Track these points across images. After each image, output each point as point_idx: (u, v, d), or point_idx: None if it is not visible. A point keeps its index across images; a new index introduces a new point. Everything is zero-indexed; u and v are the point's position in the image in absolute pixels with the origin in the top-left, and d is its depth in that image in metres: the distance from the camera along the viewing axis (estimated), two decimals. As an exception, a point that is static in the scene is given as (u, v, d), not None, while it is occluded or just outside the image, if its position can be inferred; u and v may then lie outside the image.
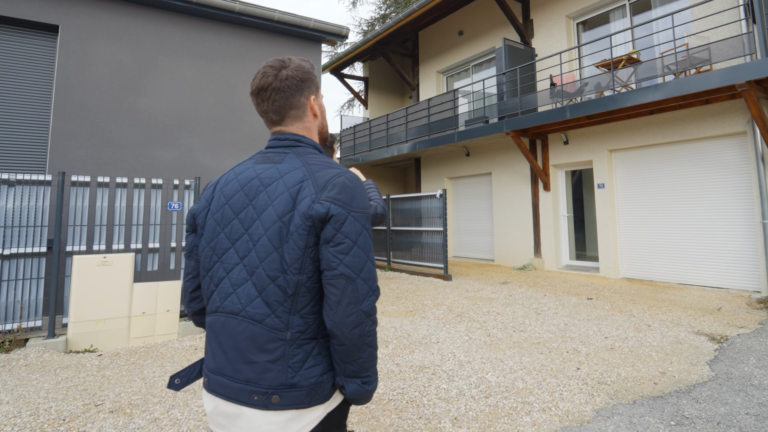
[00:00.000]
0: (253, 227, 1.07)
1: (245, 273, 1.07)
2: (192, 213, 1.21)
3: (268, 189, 1.08)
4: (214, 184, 1.21)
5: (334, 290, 1.01)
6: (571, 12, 9.32)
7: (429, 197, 9.57)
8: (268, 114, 1.18)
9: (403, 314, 6.03)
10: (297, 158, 1.12)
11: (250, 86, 1.23)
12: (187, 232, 1.25)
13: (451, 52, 12.55)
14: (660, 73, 6.85)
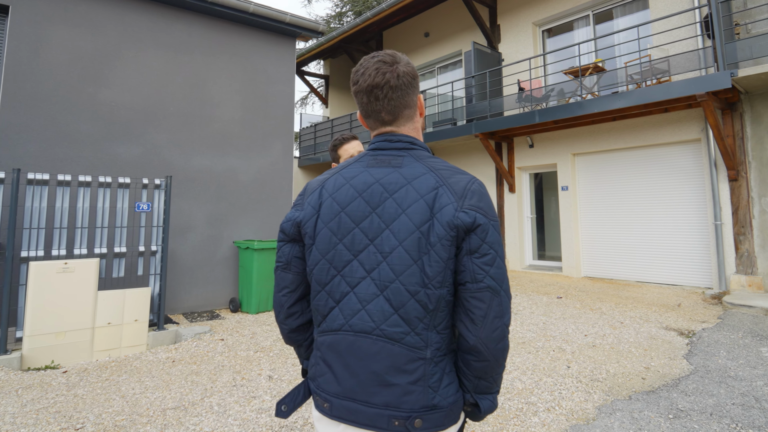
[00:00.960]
0: (382, 238, 1.00)
1: (374, 288, 0.99)
2: (294, 221, 1.10)
3: (396, 196, 1.01)
4: (318, 188, 1.11)
5: (479, 304, 0.96)
6: (537, 19, 9.70)
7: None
8: (380, 114, 1.08)
9: None
10: (418, 162, 1.05)
11: (353, 82, 1.10)
12: (283, 242, 1.13)
13: (417, 53, 12.68)
14: (623, 82, 7.28)
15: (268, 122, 6.94)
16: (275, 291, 1.16)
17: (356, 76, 1.09)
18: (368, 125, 1.14)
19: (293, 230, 1.11)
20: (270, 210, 6.93)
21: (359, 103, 1.11)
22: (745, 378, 3.64)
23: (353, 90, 1.11)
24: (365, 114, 1.12)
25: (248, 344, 4.79)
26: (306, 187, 1.15)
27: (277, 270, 1.15)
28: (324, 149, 14.04)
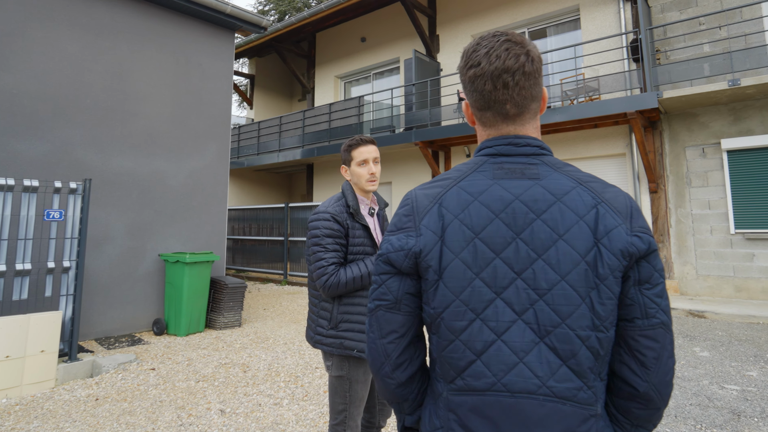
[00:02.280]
0: (534, 270, 0.81)
1: (531, 334, 0.80)
2: (410, 251, 0.88)
3: (546, 217, 0.83)
4: (433, 206, 0.89)
5: (651, 344, 0.81)
6: (475, 33, 10.08)
7: (336, 206, 9.32)
8: (505, 106, 0.89)
9: None
10: (557, 172, 0.87)
11: (470, 64, 0.89)
12: (388, 275, 0.91)
13: (352, 58, 12.56)
14: (558, 98, 7.79)
15: (202, 121, 6.35)
16: (375, 336, 0.92)
17: (476, 57, 0.89)
18: (481, 121, 0.94)
19: (408, 262, 0.88)
20: (202, 219, 6.32)
21: (475, 92, 0.90)
22: (692, 378, 3.95)
23: (469, 74, 0.90)
24: (483, 105, 0.91)
25: (186, 373, 4.25)
26: (412, 204, 0.92)
27: (377, 310, 0.92)
28: (249, 152, 13.34)
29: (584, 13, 8.46)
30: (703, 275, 7.00)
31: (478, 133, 0.97)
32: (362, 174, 2.03)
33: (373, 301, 0.93)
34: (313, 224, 1.93)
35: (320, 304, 1.97)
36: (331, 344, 1.91)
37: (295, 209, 10.26)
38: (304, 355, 4.78)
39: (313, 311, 2.01)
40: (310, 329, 2.01)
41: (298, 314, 6.84)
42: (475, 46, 0.91)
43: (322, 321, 1.95)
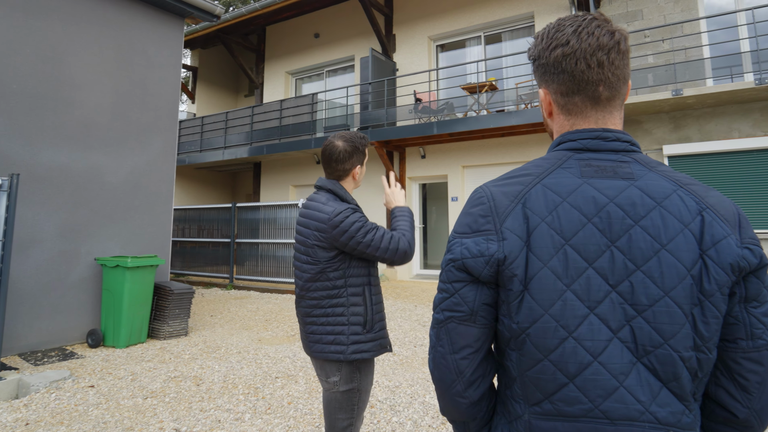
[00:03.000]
0: (631, 283, 0.74)
1: (628, 354, 0.73)
2: (492, 257, 0.78)
3: (645, 223, 0.75)
4: (516, 206, 0.80)
5: (756, 367, 0.75)
6: (432, 34, 10.21)
7: (288, 206, 9.08)
8: (598, 88, 0.81)
9: (284, 340, 5.50)
10: (652, 171, 0.80)
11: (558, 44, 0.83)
12: (462, 282, 0.81)
13: (305, 54, 12.29)
14: (513, 101, 8.04)
15: (146, 113, 5.89)
16: (445, 351, 0.82)
17: (562, 36, 0.82)
18: (566, 108, 0.86)
19: (489, 270, 0.78)
20: (145, 219, 5.87)
21: (563, 73, 0.83)
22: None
23: (555, 55, 0.83)
24: (572, 88, 0.83)
25: (131, 389, 3.90)
26: (490, 203, 0.82)
27: (448, 322, 0.82)
28: (190, 149, 12.67)
29: (538, 21, 8.83)
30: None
31: (557, 123, 0.89)
32: (363, 174, 1.98)
33: (442, 312, 0.83)
34: (349, 219, 1.79)
35: (350, 309, 1.82)
36: (370, 349, 1.81)
37: (244, 209, 9.85)
38: (261, 364, 4.55)
39: (337, 321, 1.82)
40: (336, 343, 1.81)
41: (249, 320, 6.54)
42: (557, 25, 0.84)
43: (356, 327, 1.81)
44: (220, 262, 10.14)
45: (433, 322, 0.85)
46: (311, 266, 1.84)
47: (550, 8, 8.64)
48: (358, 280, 1.84)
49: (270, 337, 5.65)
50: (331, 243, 1.80)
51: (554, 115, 0.89)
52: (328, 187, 1.93)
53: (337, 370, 1.81)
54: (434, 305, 0.86)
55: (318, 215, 1.83)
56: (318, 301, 1.85)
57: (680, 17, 7.32)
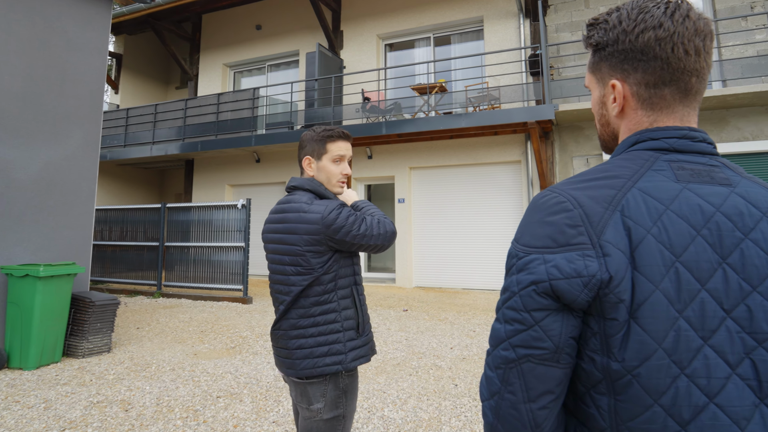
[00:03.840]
0: (749, 307, 0.63)
1: (750, 393, 0.62)
2: (594, 278, 0.63)
3: (755, 236, 0.65)
4: (613, 213, 0.66)
5: None
6: (381, 33, 10.12)
7: (226, 207, 8.58)
8: (691, 79, 0.72)
9: (224, 353, 5.12)
10: (745, 178, 0.72)
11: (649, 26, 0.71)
12: (546, 311, 0.66)
13: (245, 47, 11.73)
14: (462, 103, 8.12)
15: (65, 101, 5.22)
16: (518, 400, 0.66)
17: (652, 18, 0.72)
18: (650, 101, 0.75)
19: (586, 295, 0.64)
20: (61, 222, 5.21)
21: (655, 59, 0.72)
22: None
23: (646, 38, 0.72)
24: (663, 78, 0.72)
25: (45, 420, 3.39)
26: (577, 209, 0.68)
27: (522, 362, 0.66)
28: (112, 143, 11.64)
29: (488, 25, 9.02)
30: (584, 275, 7.86)
31: (632, 120, 0.77)
32: (334, 173, 1.74)
33: (513, 349, 0.67)
34: (342, 214, 1.63)
35: (343, 313, 1.66)
36: (366, 353, 1.69)
37: (175, 210, 9.17)
38: (200, 382, 4.17)
39: (331, 330, 1.64)
40: (330, 354, 1.62)
41: (182, 332, 6.04)
42: (638, 6, 0.73)
43: (351, 332, 1.66)
44: (146, 267, 9.36)
45: (496, 360, 0.69)
46: (302, 277, 1.63)
47: (499, 13, 8.87)
48: (346, 280, 1.69)
49: (207, 351, 5.23)
50: (326, 244, 1.62)
51: (628, 111, 0.77)
52: (305, 186, 1.72)
53: (322, 396, 1.60)
54: (497, 340, 0.70)
55: (307, 217, 1.62)
56: (305, 309, 1.64)
57: None
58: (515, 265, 0.69)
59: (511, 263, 0.70)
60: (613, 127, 0.81)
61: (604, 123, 0.82)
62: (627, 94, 0.76)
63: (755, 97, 6.52)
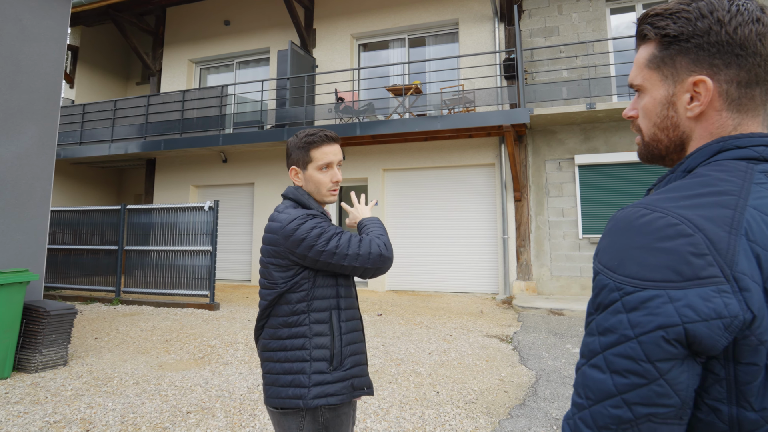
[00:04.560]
0: None
1: None
2: (737, 318, 0.54)
3: None
4: (737, 234, 0.57)
5: None
6: (355, 32, 10.00)
7: (192, 209, 8.25)
8: None
9: (192, 364, 4.88)
10: None
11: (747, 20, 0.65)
12: (673, 361, 0.55)
13: (212, 42, 11.35)
14: (437, 105, 8.11)
15: (18, 95, 4.84)
16: None
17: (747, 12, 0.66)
18: (739, 102, 0.68)
19: (725, 339, 0.54)
20: (11, 225, 4.83)
21: (755, 55, 0.66)
22: (577, 376, 4.32)
23: (746, 32, 0.65)
24: (759, 77, 0.66)
25: (-6, 442, 3.10)
26: (697, 233, 0.57)
27: (643, 422, 0.55)
28: (67, 141, 11.01)
29: (463, 28, 9.07)
30: (556, 276, 7.99)
31: (714, 123, 0.69)
32: (323, 182, 1.58)
33: (629, 408, 0.56)
34: (305, 225, 1.45)
35: (313, 341, 1.45)
36: (337, 392, 1.43)
37: (136, 212, 8.75)
38: (167, 396, 3.94)
39: (297, 357, 1.45)
40: (293, 385, 1.43)
41: (145, 342, 5.74)
42: (731, 2, 0.66)
43: (319, 363, 1.43)
44: (104, 272, 8.88)
45: (603, 420, 0.58)
46: (267, 291, 1.49)
47: (474, 17, 8.93)
48: (324, 303, 1.49)
49: (173, 362, 4.97)
50: (288, 258, 1.45)
51: (710, 113, 0.69)
52: (289, 194, 1.60)
53: (298, 428, 1.43)
54: (601, 393, 0.58)
55: (271, 226, 1.50)
56: (274, 330, 1.48)
57: (591, 36, 8.01)
58: (622, 302, 0.58)
59: (612, 298, 0.59)
60: (683, 131, 0.71)
61: (668, 126, 0.73)
62: (716, 93, 0.68)
63: None
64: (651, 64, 0.73)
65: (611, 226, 0.64)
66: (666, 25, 0.70)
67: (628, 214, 0.63)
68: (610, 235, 0.63)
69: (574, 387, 0.62)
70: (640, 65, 0.75)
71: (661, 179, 0.74)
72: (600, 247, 0.64)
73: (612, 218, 0.65)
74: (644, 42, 0.75)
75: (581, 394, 0.60)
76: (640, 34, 0.75)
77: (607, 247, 0.63)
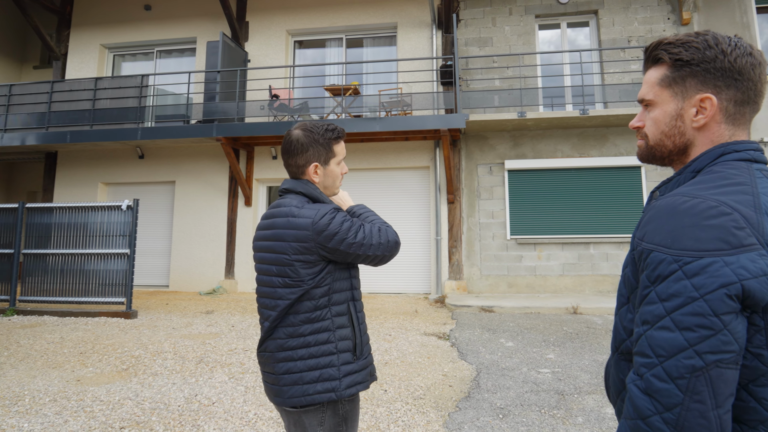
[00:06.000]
0: None
1: None
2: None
3: None
4: (760, 213, 0.74)
5: None
6: (291, 28, 9.79)
7: (106, 209, 7.62)
8: (761, 102, 0.89)
9: (116, 377, 4.53)
10: None
11: (745, 53, 0.86)
12: (733, 314, 0.69)
13: (130, 27, 10.50)
14: (375, 107, 8.22)
15: None
16: (707, 408, 0.67)
17: (743, 47, 0.85)
18: (733, 118, 0.86)
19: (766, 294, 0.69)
20: None
21: (749, 81, 0.84)
22: (513, 368, 4.62)
23: (744, 62, 0.83)
24: (750, 97, 0.85)
25: None
26: (734, 212, 0.73)
27: (711, 369, 0.68)
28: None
29: (401, 32, 9.27)
30: (486, 275, 8.45)
31: (714, 133, 0.87)
32: (338, 175, 1.64)
33: (701, 357, 0.68)
34: (336, 219, 1.48)
35: (336, 333, 1.47)
36: (364, 379, 1.51)
37: (37, 212, 7.88)
38: (94, 413, 3.61)
39: (323, 351, 1.46)
40: (321, 380, 1.44)
41: (56, 355, 5.20)
42: (726, 37, 0.85)
43: (345, 355, 1.47)
44: (-5, 278, 7.89)
45: (678, 370, 0.69)
46: (290, 290, 1.45)
47: (413, 22, 9.17)
48: (342, 295, 1.52)
49: (93, 375, 4.56)
50: (318, 253, 1.46)
51: (711, 125, 0.87)
52: (298, 189, 1.56)
53: (320, 424, 1.44)
54: (673, 348, 0.70)
55: (297, 222, 1.46)
56: (295, 328, 1.46)
57: (522, 49, 8.60)
58: (683, 270, 0.70)
59: (672, 269, 0.71)
60: (688, 138, 0.89)
61: (676, 134, 0.90)
62: (717, 109, 0.85)
63: (630, 119, 7.68)
64: (663, 82, 0.90)
65: (654, 213, 0.78)
66: (679, 52, 0.86)
67: (670, 202, 0.77)
68: (656, 219, 0.76)
69: (638, 352, 0.73)
70: (651, 83, 0.92)
71: (668, 180, 0.91)
72: (647, 230, 0.78)
73: (652, 207, 0.80)
74: (656, 64, 0.91)
75: (650, 354, 0.71)
76: (653, 57, 0.92)
77: (656, 230, 0.76)
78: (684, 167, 0.88)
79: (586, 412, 3.57)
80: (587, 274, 8.19)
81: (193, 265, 9.65)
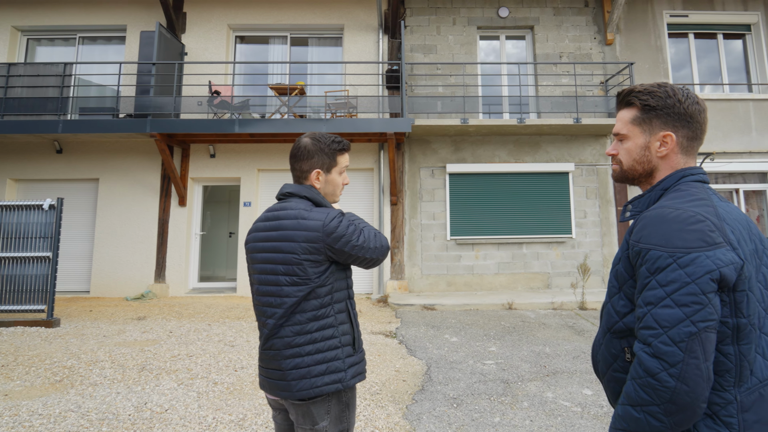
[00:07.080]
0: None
1: None
2: (737, 264, 0.98)
3: (756, 230, 1.12)
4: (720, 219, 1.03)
5: None
6: (233, 23, 9.53)
7: (23, 208, 7.05)
8: (703, 138, 1.19)
9: (49, 389, 4.30)
10: None
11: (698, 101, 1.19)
12: (713, 293, 0.96)
13: (47, 8, 9.65)
14: (321, 107, 8.28)
15: None
16: (700, 362, 0.94)
17: (694, 98, 1.16)
18: (686, 150, 1.17)
19: (734, 276, 0.98)
20: None
21: (701, 123, 1.16)
22: (460, 361, 4.97)
23: (697, 108, 1.14)
24: (698, 135, 1.17)
25: None
26: (708, 219, 1.01)
27: (702, 333, 0.94)
28: None
29: (347, 35, 9.36)
30: (426, 274, 8.83)
31: (672, 161, 1.17)
32: (339, 184, 1.82)
33: (694, 324, 0.94)
34: (343, 223, 1.65)
35: (339, 329, 1.64)
36: (364, 370, 1.69)
37: None
38: (35, 427, 3.44)
39: (329, 346, 1.61)
40: (328, 372, 1.59)
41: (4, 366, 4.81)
42: (680, 89, 1.15)
43: (347, 348, 1.65)
44: None
45: (679, 336, 0.94)
46: (297, 288, 1.59)
47: (359, 25, 9.30)
48: (341, 294, 1.69)
49: (23, 389, 4.29)
50: (325, 254, 1.61)
51: (671, 155, 1.17)
52: (303, 193, 1.71)
53: (327, 413, 1.60)
54: (673, 320, 0.95)
55: (307, 224, 1.61)
56: (301, 326, 1.59)
57: (464, 58, 9.08)
58: (677, 263, 0.98)
59: (668, 262, 0.99)
60: (653, 164, 1.20)
61: (644, 161, 1.20)
62: (676, 143, 1.16)
63: (560, 128, 8.44)
64: (634, 121, 1.20)
65: (648, 221, 1.06)
66: (647, 99, 1.17)
67: (659, 213, 1.05)
68: (650, 226, 1.04)
69: (645, 326, 1.00)
70: (625, 121, 1.23)
71: (640, 196, 1.21)
72: (642, 234, 1.05)
73: (644, 217, 1.08)
74: (628, 107, 1.22)
75: (655, 326, 0.98)
76: (626, 101, 1.22)
77: (651, 233, 1.03)
78: (654, 186, 1.17)
79: (530, 397, 3.97)
80: (520, 272, 8.85)
81: (118, 268, 9.13)
